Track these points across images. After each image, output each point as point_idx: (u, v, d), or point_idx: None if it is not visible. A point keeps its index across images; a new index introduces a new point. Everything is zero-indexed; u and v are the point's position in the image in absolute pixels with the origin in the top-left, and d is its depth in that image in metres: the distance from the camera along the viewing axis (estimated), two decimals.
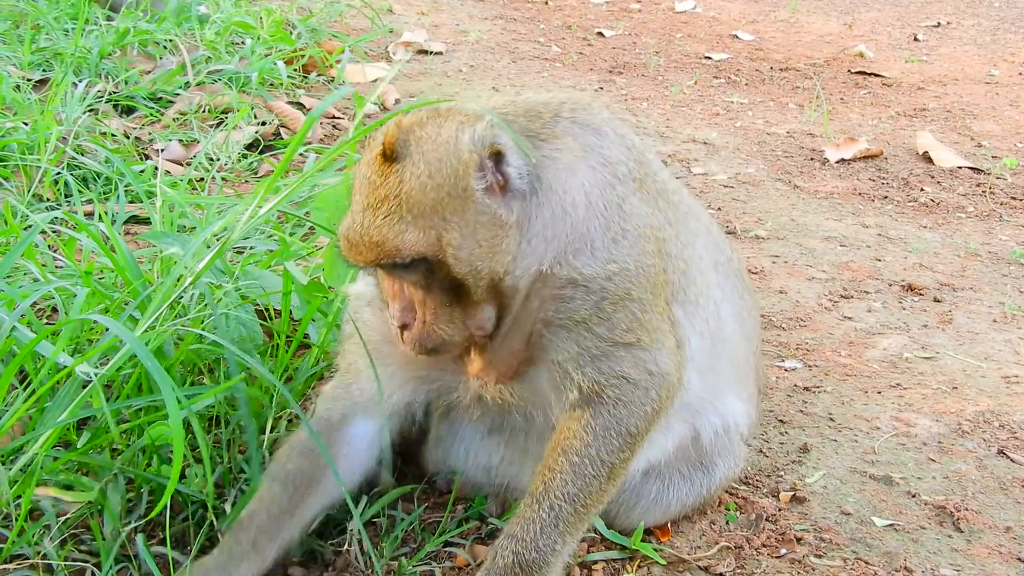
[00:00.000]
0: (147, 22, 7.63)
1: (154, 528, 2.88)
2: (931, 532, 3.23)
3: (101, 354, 2.82)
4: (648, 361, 2.74)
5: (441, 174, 2.52)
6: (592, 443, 2.70)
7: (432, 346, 2.67)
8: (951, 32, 11.03)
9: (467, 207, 2.54)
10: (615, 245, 2.69)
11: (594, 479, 2.70)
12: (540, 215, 2.65)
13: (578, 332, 2.69)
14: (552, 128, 2.74)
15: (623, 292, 2.69)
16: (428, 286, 2.61)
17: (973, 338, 4.53)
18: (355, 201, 2.61)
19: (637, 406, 2.72)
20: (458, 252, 2.54)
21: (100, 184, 5.01)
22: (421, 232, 2.51)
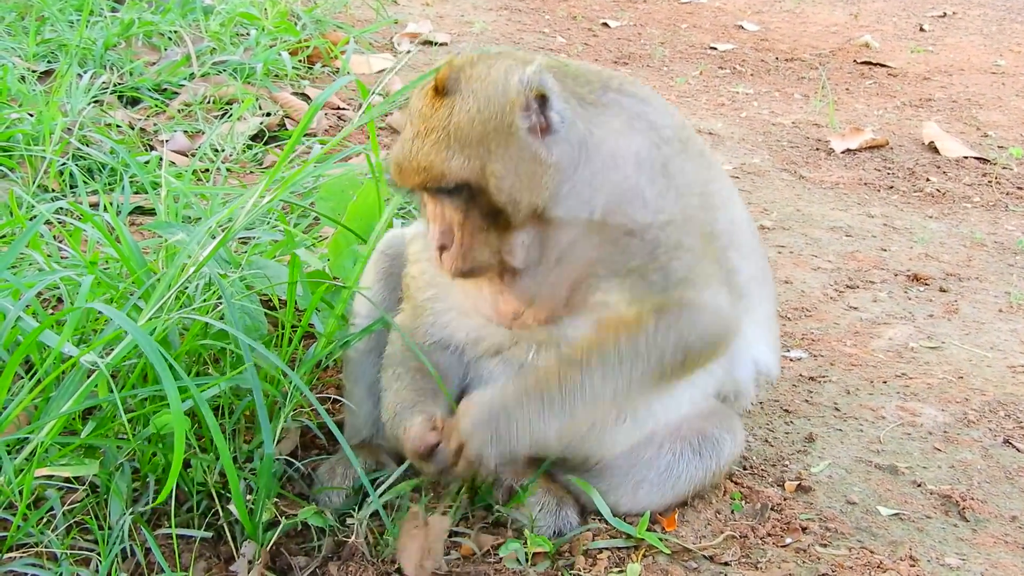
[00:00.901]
0: (152, 13, 7.62)
1: (159, 517, 2.89)
2: (937, 521, 3.22)
3: (107, 344, 2.82)
4: (710, 297, 2.88)
5: (489, 109, 2.70)
6: (650, 331, 2.79)
7: (467, 268, 2.82)
8: (957, 22, 11.00)
9: (510, 142, 2.71)
10: (663, 198, 2.84)
11: (640, 358, 2.78)
12: (588, 166, 2.79)
13: (632, 280, 2.82)
14: (601, 96, 2.90)
15: (675, 242, 2.83)
16: (467, 211, 2.77)
17: (979, 328, 4.53)
18: (406, 131, 2.80)
19: (698, 326, 2.85)
20: (500, 182, 2.70)
21: (105, 175, 5.01)
22: (466, 160, 2.70)
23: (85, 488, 2.84)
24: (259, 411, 2.71)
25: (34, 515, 2.70)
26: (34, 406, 2.85)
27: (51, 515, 2.76)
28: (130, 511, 2.78)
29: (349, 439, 3.23)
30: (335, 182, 3.91)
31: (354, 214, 3.68)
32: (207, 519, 2.89)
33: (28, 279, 3.22)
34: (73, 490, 2.84)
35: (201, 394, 2.63)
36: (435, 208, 2.83)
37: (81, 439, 2.79)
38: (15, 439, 2.70)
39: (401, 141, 2.81)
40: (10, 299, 3.07)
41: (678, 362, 2.84)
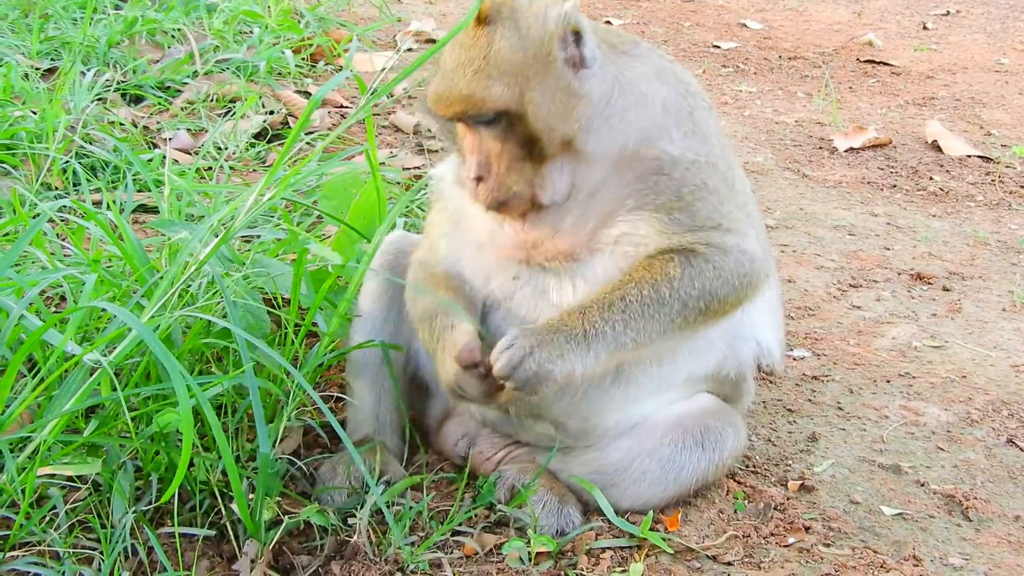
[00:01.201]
0: (155, 11, 7.63)
1: (162, 516, 2.89)
2: (940, 521, 3.22)
3: (109, 342, 2.82)
4: (737, 241, 2.96)
5: (529, 39, 2.79)
6: (677, 278, 2.87)
7: (503, 198, 2.89)
8: (960, 20, 10.99)
9: (548, 72, 2.80)
10: (689, 139, 2.97)
11: (663, 305, 2.85)
12: (619, 103, 2.92)
13: (659, 216, 2.91)
14: (631, 48, 3.06)
15: (700, 182, 2.94)
16: (505, 141, 2.85)
17: (982, 327, 4.52)
18: (446, 61, 2.87)
19: (726, 271, 2.92)
20: (537, 109, 2.79)
21: (108, 173, 5.01)
22: (506, 88, 2.78)
23: (88, 487, 2.84)
24: (255, 410, 2.70)
25: (37, 514, 2.70)
26: (37, 404, 2.85)
27: (54, 514, 2.75)
28: (132, 510, 2.78)
29: (351, 434, 3.24)
30: (338, 180, 3.91)
31: (357, 212, 3.68)
32: (210, 518, 2.89)
33: (31, 277, 3.22)
34: (76, 489, 2.84)
35: (203, 393, 2.63)
36: (473, 139, 2.90)
37: (84, 438, 2.78)
38: (18, 438, 2.70)
39: (441, 72, 2.88)
40: (13, 297, 3.07)
41: (700, 309, 2.90)
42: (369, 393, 3.30)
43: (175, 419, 2.72)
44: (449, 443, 3.32)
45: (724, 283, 2.91)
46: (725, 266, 2.91)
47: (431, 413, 3.44)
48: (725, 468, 3.21)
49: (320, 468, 3.17)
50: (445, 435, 3.34)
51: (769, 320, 3.27)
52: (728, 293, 2.92)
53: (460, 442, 3.30)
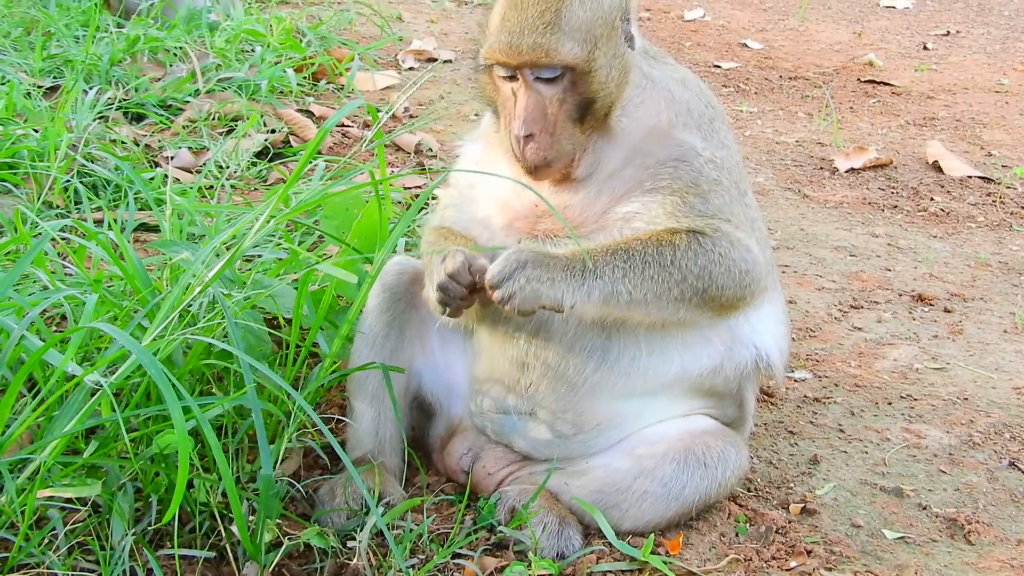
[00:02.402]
0: (157, 29, 7.64)
1: (161, 538, 2.88)
2: (942, 545, 3.21)
3: (110, 363, 2.81)
4: (744, 237, 3.01)
5: (599, 4, 2.94)
6: (681, 247, 2.91)
7: (551, 157, 2.97)
8: (961, 41, 11.01)
9: (612, 38, 2.97)
10: (707, 141, 3.10)
11: (664, 269, 2.90)
12: (652, 92, 3.10)
13: (673, 199, 2.98)
14: (663, 57, 3.27)
15: (714, 178, 3.04)
16: (563, 100, 2.96)
17: (984, 349, 4.52)
18: (508, 17, 2.94)
19: (729, 260, 2.96)
20: (601, 71, 2.93)
21: (110, 192, 5.01)
22: (577, 44, 2.89)
23: (87, 508, 2.83)
24: (258, 432, 2.70)
25: (36, 535, 2.69)
26: (37, 425, 2.84)
27: (53, 535, 2.74)
28: (132, 531, 2.77)
29: (350, 452, 3.24)
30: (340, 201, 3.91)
31: (359, 233, 3.68)
32: (210, 540, 2.88)
33: (32, 297, 3.21)
34: (75, 510, 2.83)
35: (204, 414, 2.62)
36: (527, 97, 2.95)
37: (84, 459, 2.78)
38: (17, 459, 2.69)
39: (505, 23, 2.93)
40: (14, 317, 3.07)
41: (699, 289, 2.93)
42: (369, 412, 3.30)
43: (175, 440, 2.72)
44: (453, 458, 3.32)
45: (726, 271, 2.94)
46: (729, 255, 2.95)
47: (433, 433, 3.43)
48: (727, 488, 3.20)
49: (319, 490, 3.16)
50: (449, 451, 3.34)
51: (771, 329, 3.27)
52: (728, 283, 2.95)
53: (464, 456, 3.30)
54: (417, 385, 3.39)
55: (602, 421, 3.15)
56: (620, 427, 3.16)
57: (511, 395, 3.16)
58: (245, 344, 3.22)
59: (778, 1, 12.84)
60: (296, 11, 9.52)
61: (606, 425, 3.15)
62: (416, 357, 3.33)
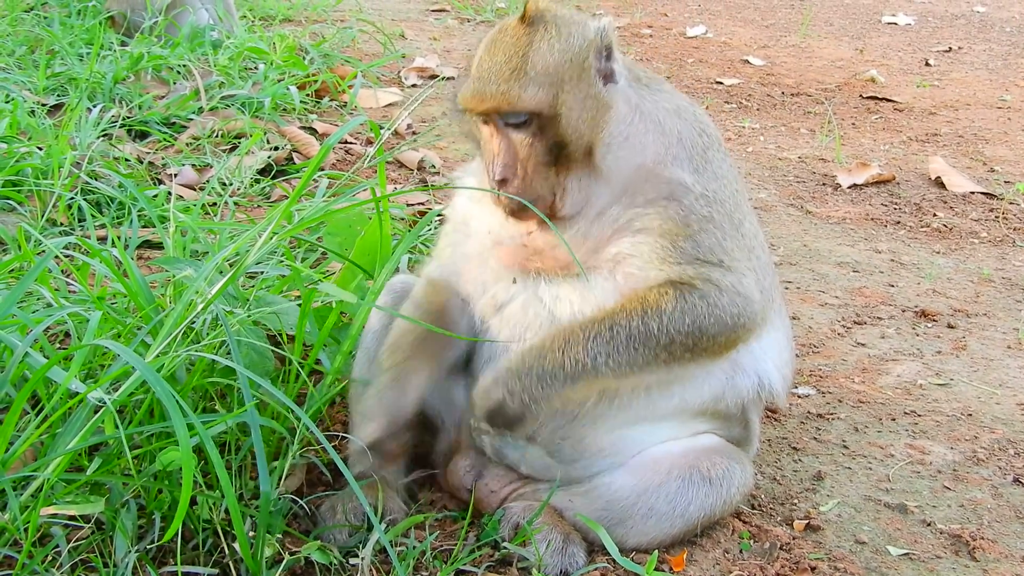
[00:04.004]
0: (161, 47, 7.68)
1: (165, 555, 2.88)
2: (947, 561, 3.20)
3: (114, 380, 2.81)
4: (734, 281, 2.97)
5: (568, 45, 2.92)
6: (668, 312, 2.88)
7: (529, 198, 2.94)
8: (962, 57, 11.03)
9: (582, 78, 2.93)
10: (699, 175, 3.04)
11: (651, 339, 2.87)
12: (640, 126, 3.04)
13: (662, 243, 2.95)
14: (656, 83, 3.20)
15: (706, 214, 2.99)
16: (533, 144, 2.94)
17: (987, 365, 4.51)
18: (481, 62, 2.97)
19: (719, 309, 2.92)
20: (569, 113, 2.90)
21: (113, 209, 5.02)
22: (541, 89, 2.88)
23: (91, 525, 2.83)
24: (257, 449, 2.69)
25: (39, 553, 2.68)
26: (40, 443, 2.84)
27: (56, 553, 2.74)
28: (135, 549, 2.76)
29: (352, 468, 3.23)
30: (343, 218, 3.91)
31: (362, 249, 3.68)
32: (213, 557, 2.87)
33: (36, 315, 3.22)
34: (79, 527, 2.83)
35: (207, 431, 2.62)
36: (500, 141, 2.96)
37: (87, 476, 2.78)
38: (21, 476, 2.69)
39: (477, 69, 2.96)
40: (18, 335, 3.07)
41: (688, 346, 2.91)
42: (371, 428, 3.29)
43: (178, 458, 2.72)
44: (456, 476, 3.31)
45: (716, 321, 2.91)
46: (719, 303, 2.91)
47: (436, 448, 3.42)
48: (732, 506, 3.19)
49: (321, 507, 3.16)
50: (452, 468, 3.33)
51: (774, 356, 3.26)
52: (719, 332, 2.93)
53: (467, 474, 3.29)
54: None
55: (604, 448, 3.14)
56: (623, 452, 3.15)
57: None
58: (248, 361, 3.22)
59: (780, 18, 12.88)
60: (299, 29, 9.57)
61: (608, 452, 3.14)
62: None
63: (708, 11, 13.20)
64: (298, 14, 10.63)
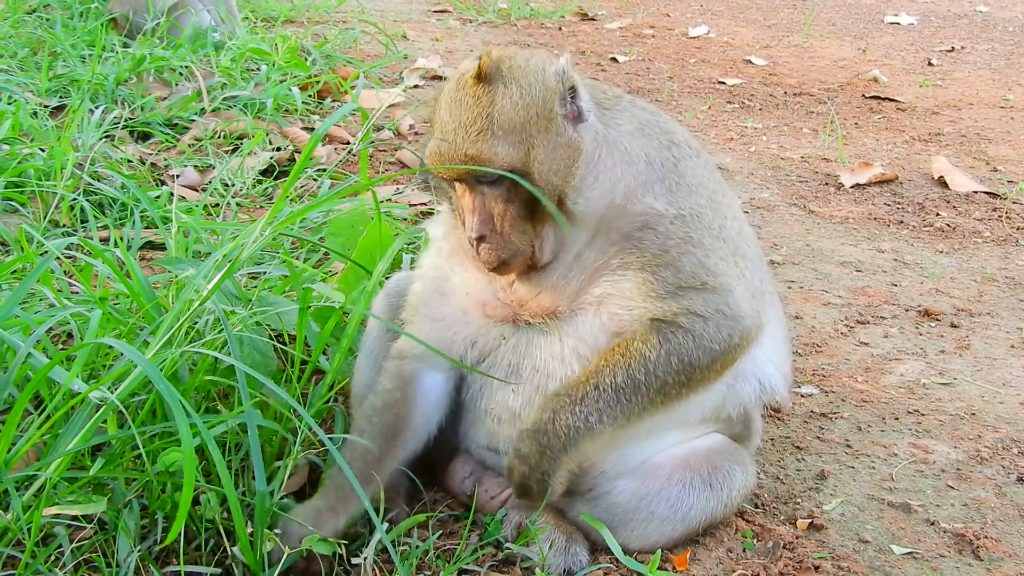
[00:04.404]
0: (163, 49, 7.68)
1: (167, 555, 2.87)
2: (951, 560, 3.19)
3: (115, 380, 2.81)
4: (719, 303, 2.90)
5: (531, 97, 2.82)
6: (652, 360, 2.84)
7: (506, 256, 2.89)
8: (965, 56, 11.03)
9: (550, 128, 2.84)
10: (672, 194, 2.96)
11: (640, 388, 2.84)
12: (607, 160, 2.93)
13: (643, 276, 2.90)
14: (616, 103, 3.07)
15: (684, 235, 2.92)
16: (508, 200, 2.86)
17: (991, 364, 4.50)
18: (444, 121, 2.86)
19: (706, 340, 2.87)
20: (542, 167, 2.81)
21: (116, 210, 5.03)
22: (511, 147, 2.79)
23: (93, 525, 2.83)
24: (252, 448, 2.69)
25: (42, 553, 2.68)
26: (43, 442, 2.84)
27: (59, 552, 2.74)
28: (138, 549, 2.76)
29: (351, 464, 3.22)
30: (345, 217, 3.92)
31: (364, 249, 3.68)
32: (215, 556, 2.87)
33: (39, 315, 3.22)
34: (81, 527, 2.83)
35: (209, 431, 2.62)
36: (474, 199, 2.89)
37: (90, 475, 2.78)
38: (24, 476, 2.69)
39: (440, 132, 2.87)
40: (20, 335, 3.07)
41: (681, 383, 2.88)
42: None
43: (180, 457, 2.71)
44: (455, 481, 3.31)
45: (704, 352, 2.87)
46: (705, 335, 2.87)
47: (437, 450, 3.42)
48: (734, 507, 3.19)
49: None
50: (451, 473, 3.33)
51: (773, 355, 3.24)
52: (711, 361, 2.89)
53: (466, 480, 3.28)
54: None
55: (607, 468, 3.11)
56: (625, 465, 3.12)
57: (503, 439, 3.14)
58: (250, 361, 3.22)
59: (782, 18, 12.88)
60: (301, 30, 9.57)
61: (611, 471, 3.10)
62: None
63: (710, 11, 13.21)
64: (300, 15, 10.64)
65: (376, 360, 3.29)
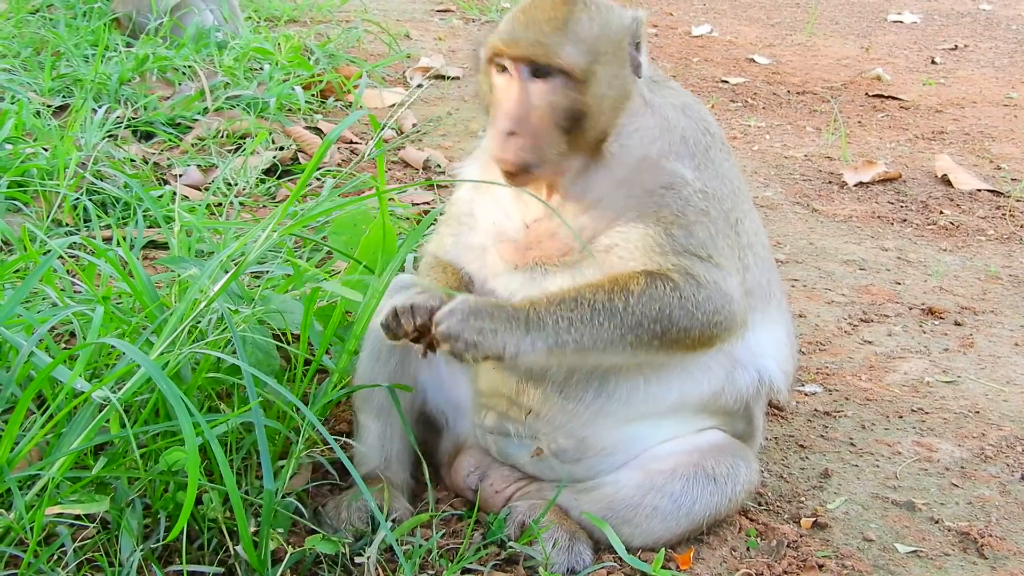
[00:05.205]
0: (166, 48, 7.68)
1: (170, 554, 2.87)
2: (955, 559, 3.19)
3: (118, 379, 2.81)
4: (718, 277, 2.94)
5: (608, 23, 2.93)
6: (637, 295, 2.85)
7: (530, 160, 2.90)
8: (968, 55, 11.01)
9: (616, 58, 2.94)
10: (701, 171, 3.04)
11: (615, 316, 2.84)
12: (648, 120, 3.05)
13: (656, 230, 2.93)
14: (665, 81, 3.23)
15: (703, 208, 2.97)
16: (553, 102, 2.88)
17: (995, 362, 4.49)
18: (515, 18, 2.92)
19: (690, 303, 2.89)
20: (598, 85, 2.89)
21: (119, 209, 5.02)
22: (579, 52, 2.86)
23: (96, 524, 2.82)
24: (260, 446, 2.69)
25: (45, 552, 2.68)
26: (46, 442, 2.84)
27: (62, 552, 2.74)
28: (141, 548, 2.76)
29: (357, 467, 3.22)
30: (348, 216, 3.91)
31: (367, 248, 3.68)
32: (218, 556, 2.87)
33: (41, 314, 3.22)
34: (84, 527, 2.83)
35: (212, 430, 2.62)
36: (517, 92, 2.89)
37: (92, 475, 2.77)
38: (26, 475, 2.69)
39: (512, 21, 2.91)
40: (23, 334, 3.07)
41: (658, 332, 2.87)
42: (375, 427, 3.29)
43: (183, 457, 2.71)
44: (460, 476, 3.31)
45: (686, 313, 2.87)
46: (692, 296, 2.88)
47: (441, 448, 3.42)
48: (738, 503, 3.18)
49: (326, 506, 3.15)
50: (456, 469, 3.33)
51: (774, 352, 3.24)
52: (690, 324, 2.88)
53: (471, 475, 3.29)
54: (423, 400, 3.38)
55: (606, 446, 3.13)
56: (626, 451, 3.14)
57: (512, 418, 3.16)
58: (253, 360, 3.21)
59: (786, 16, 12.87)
60: (304, 29, 9.57)
61: (611, 450, 3.14)
62: (422, 371, 3.32)
63: (713, 10, 13.19)
64: (303, 14, 10.63)
65: (379, 359, 3.29)
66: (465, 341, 2.79)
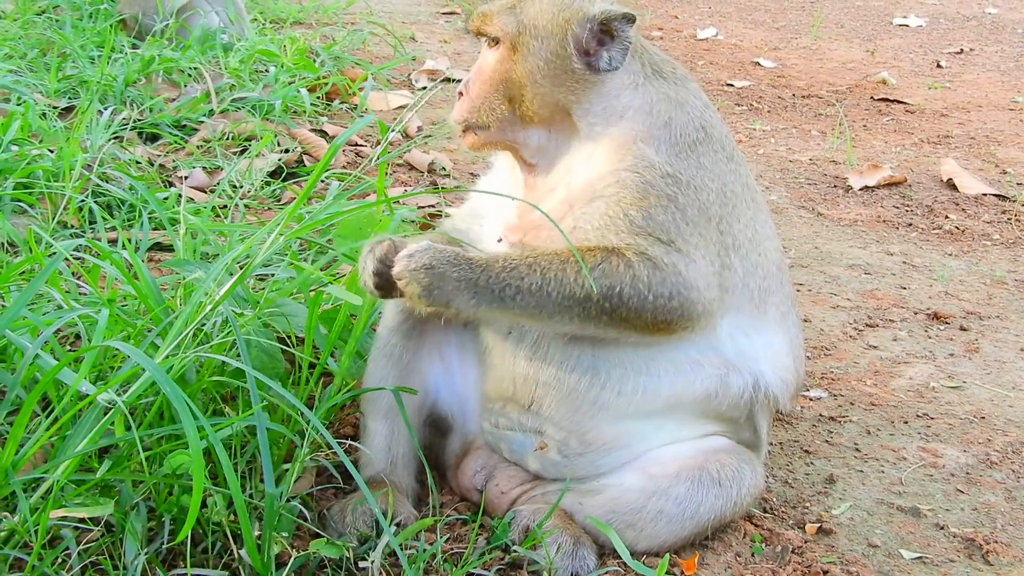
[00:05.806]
0: (172, 50, 7.69)
1: (174, 557, 2.87)
2: (960, 565, 3.18)
3: (123, 382, 2.81)
4: (678, 262, 2.91)
5: (560, 4, 3.06)
6: (588, 268, 2.86)
7: (471, 120, 3.13)
8: (974, 59, 11.00)
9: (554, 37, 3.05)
10: (678, 158, 3.03)
11: (565, 287, 2.87)
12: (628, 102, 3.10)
13: (614, 211, 2.94)
14: (672, 76, 3.22)
15: (668, 193, 2.96)
16: (496, 68, 3.10)
17: (1000, 367, 4.49)
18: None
19: (642, 284, 2.88)
20: (528, 58, 3.05)
21: (124, 211, 5.03)
22: (512, 23, 3.07)
23: (100, 528, 2.82)
24: (262, 450, 2.69)
25: (49, 555, 2.68)
26: (51, 444, 2.84)
27: (66, 555, 2.73)
28: (145, 551, 2.76)
29: (362, 470, 3.22)
30: (352, 219, 3.91)
31: None
32: (223, 559, 2.87)
33: (47, 316, 3.22)
34: (88, 530, 2.82)
35: (216, 434, 2.62)
36: (480, 59, 3.17)
37: (97, 478, 2.77)
38: (31, 478, 2.69)
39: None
40: (28, 337, 3.07)
41: (607, 309, 2.87)
42: (382, 430, 3.28)
43: (187, 461, 2.71)
44: (467, 476, 3.31)
45: (636, 294, 2.86)
46: (647, 279, 2.87)
47: (448, 450, 3.42)
48: (743, 508, 3.17)
49: (330, 510, 3.14)
50: (463, 469, 3.33)
51: (772, 359, 3.21)
52: (640, 305, 2.87)
53: (478, 475, 3.29)
54: (433, 400, 3.37)
55: (608, 441, 3.13)
56: (628, 447, 3.14)
57: (519, 412, 3.16)
58: (258, 363, 3.21)
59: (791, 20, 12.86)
60: (310, 31, 9.58)
61: (612, 445, 3.13)
62: (434, 370, 3.33)
63: (718, 13, 13.19)
64: (309, 17, 10.64)
65: (390, 359, 3.29)
66: (416, 284, 2.86)
